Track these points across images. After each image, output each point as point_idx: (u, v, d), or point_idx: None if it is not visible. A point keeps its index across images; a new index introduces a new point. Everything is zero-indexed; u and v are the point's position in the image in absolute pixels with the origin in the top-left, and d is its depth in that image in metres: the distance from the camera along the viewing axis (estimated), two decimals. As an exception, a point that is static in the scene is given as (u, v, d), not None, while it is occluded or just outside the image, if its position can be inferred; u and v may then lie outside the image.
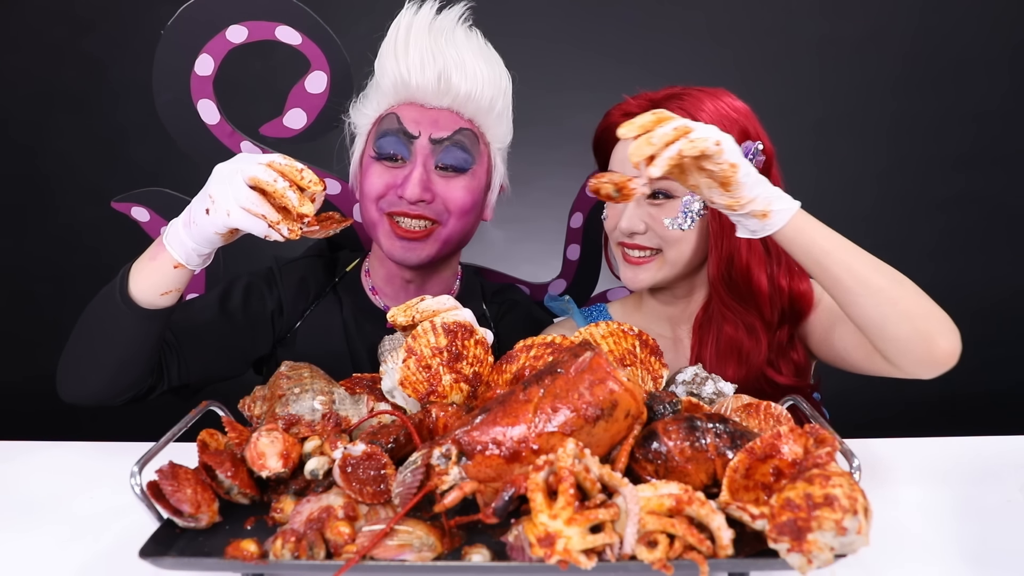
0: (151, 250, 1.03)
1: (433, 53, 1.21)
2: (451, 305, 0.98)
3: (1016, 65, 2.83)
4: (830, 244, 0.99)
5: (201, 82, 1.33)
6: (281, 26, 1.32)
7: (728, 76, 1.63)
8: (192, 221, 0.96)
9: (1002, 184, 2.89)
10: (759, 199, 0.96)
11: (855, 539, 0.64)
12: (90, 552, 0.91)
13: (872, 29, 2.84)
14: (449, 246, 1.29)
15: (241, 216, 0.91)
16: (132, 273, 1.04)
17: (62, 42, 2.79)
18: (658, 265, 1.22)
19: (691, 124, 0.90)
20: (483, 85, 1.24)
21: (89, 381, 1.11)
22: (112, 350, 1.07)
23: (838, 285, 1.00)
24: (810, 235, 0.99)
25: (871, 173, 2.93)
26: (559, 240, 1.57)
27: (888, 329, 1.00)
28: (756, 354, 1.20)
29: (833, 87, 2.89)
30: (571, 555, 0.64)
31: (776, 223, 0.98)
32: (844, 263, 0.99)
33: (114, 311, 1.04)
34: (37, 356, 2.85)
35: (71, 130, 2.82)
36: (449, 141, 1.23)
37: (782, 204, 0.97)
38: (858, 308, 1.01)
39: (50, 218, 2.85)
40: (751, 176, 0.94)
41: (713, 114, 1.16)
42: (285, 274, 1.36)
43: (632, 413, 0.76)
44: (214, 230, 0.94)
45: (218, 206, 0.92)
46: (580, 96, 2.08)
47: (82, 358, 1.11)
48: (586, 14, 2.86)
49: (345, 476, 0.77)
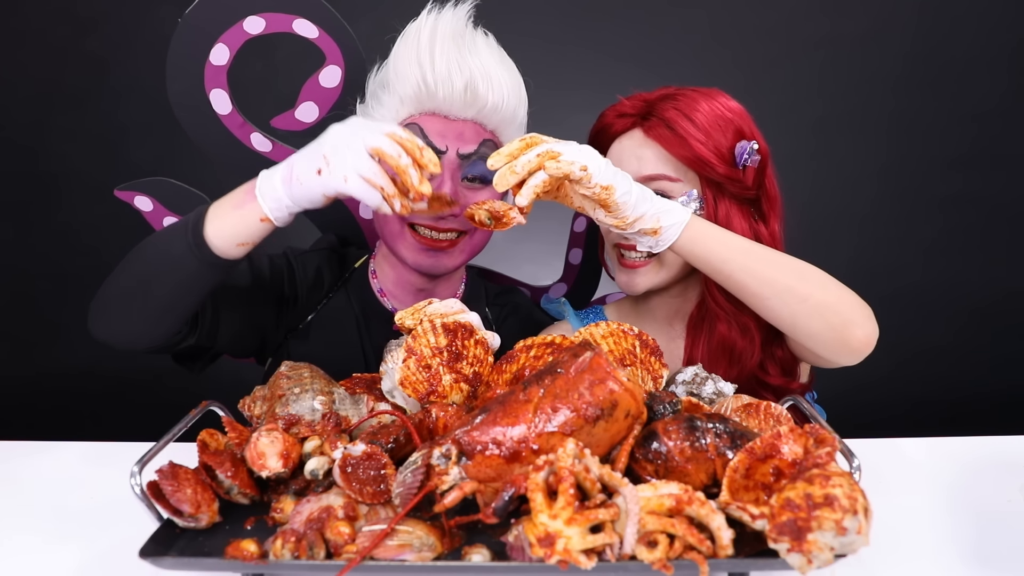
0: (237, 198, 1.00)
1: (459, 64, 1.17)
2: (458, 309, 0.98)
3: (1015, 65, 2.83)
4: (727, 251, 1.01)
5: (215, 72, 1.32)
6: (299, 19, 1.32)
7: (728, 76, 1.63)
8: (296, 179, 0.94)
9: (1001, 184, 2.89)
10: (646, 216, 0.98)
11: (855, 539, 0.64)
12: (90, 552, 0.91)
13: (872, 28, 2.84)
14: (473, 255, 1.30)
15: (358, 184, 0.91)
16: (210, 216, 1.00)
17: (64, 41, 2.79)
18: (655, 269, 1.22)
19: (559, 148, 0.91)
20: (507, 96, 1.22)
21: (133, 319, 1.05)
22: (168, 291, 1.03)
23: (743, 290, 1.02)
24: (705, 244, 1.01)
25: (870, 172, 2.94)
26: (559, 240, 1.57)
27: (800, 326, 1.01)
28: (749, 354, 1.20)
29: (833, 86, 2.89)
30: (571, 555, 0.64)
31: (668, 238, 1.00)
32: (745, 268, 1.00)
33: (181, 251, 1.00)
34: (37, 356, 2.86)
35: (72, 129, 2.82)
36: (476, 155, 1.21)
37: (672, 218, 0.99)
38: (767, 310, 1.03)
39: (51, 217, 2.85)
40: (632, 195, 0.96)
41: (708, 114, 1.16)
42: (301, 265, 1.36)
43: (632, 413, 0.76)
44: (323, 192, 0.93)
45: (334, 169, 0.91)
46: (580, 96, 2.08)
47: (132, 293, 1.05)
48: (586, 14, 2.86)
49: (345, 476, 0.77)
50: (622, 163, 1.19)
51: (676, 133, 1.15)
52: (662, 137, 1.16)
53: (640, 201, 0.97)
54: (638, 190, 0.97)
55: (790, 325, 1.02)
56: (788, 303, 1.00)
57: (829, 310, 0.99)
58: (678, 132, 1.14)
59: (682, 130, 1.14)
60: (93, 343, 1.11)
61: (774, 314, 1.02)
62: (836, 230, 2.88)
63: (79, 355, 2.61)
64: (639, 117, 1.20)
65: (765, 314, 1.04)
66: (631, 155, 1.20)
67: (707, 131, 1.15)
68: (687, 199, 1.16)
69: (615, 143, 1.23)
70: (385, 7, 1.25)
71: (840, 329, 0.99)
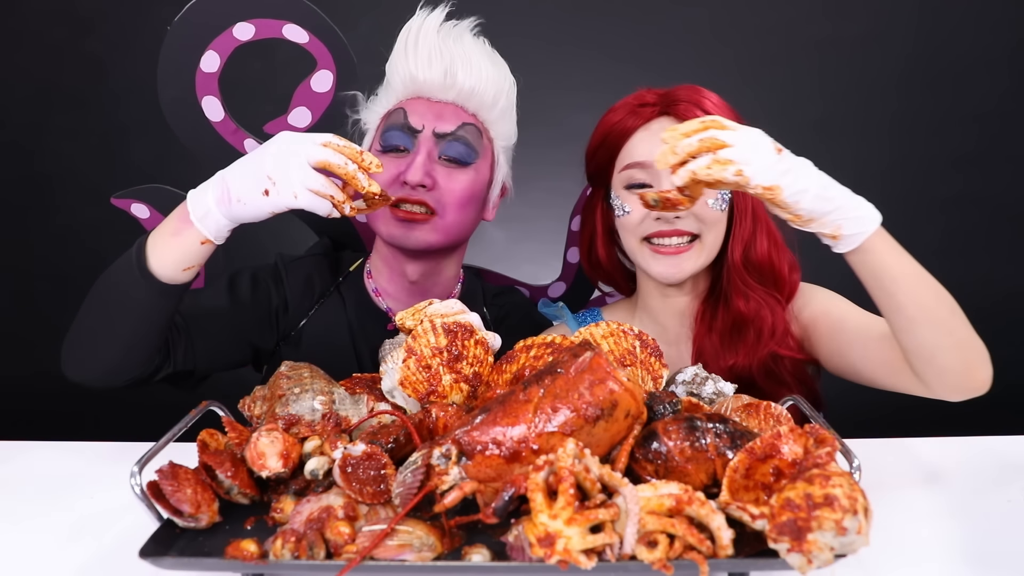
0: (172, 225, 1.02)
1: (440, 50, 1.26)
2: (459, 309, 0.98)
3: (1016, 65, 2.83)
4: (900, 270, 0.95)
5: (206, 79, 1.33)
6: (289, 24, 1.33)
7: (728, 76, 1.63)
8: (236, 200, 0.97)
9: (1003, 184, 2.89)
10: (824, 221, 0.90)
11: (855, 539, 0.64)
12: (90, 552, 0.91)
13: (873, 29, 2.84)
14: (449, 237, 1.30)
15: (309, 198, 0.95)
16: (150, 247, 1.02)
17: (62, 42, 2.79)
18: (698, 251, 1.20)
19: (726, 138, 0.86)
20: (487, 81, 1.28)
21: (100, 355, 1.09)
22: (127, 323, 1.06)
23: (900, 311, 0.96)
24: (882, 258, 0.94)
25: (872, 173, 2.91)
26: (558, 240, 1.57)
27: (938, 358, 0.97)
28: (774, 330, 1.20)
29: (834, 87, 2.89)
30: (571, 555, 0.64)
31: (846, 246, 0.93)
32: (911, 290, 0.95)
33: (131, 285, 1.03)
34: (36, 356, 2.85)
35: (71, 130, 2.82)
36: (452, 136, 1.26)
37: (855, 227, 0.91)
38: (912, 335, 0.97)
39: (50, 218, 2.85)
40: (808, 194, 0.88)
41: (718, 103, 1.19)
42: (291, 272, 1.37)
43: (632, 413, 0.76)
44: (272, 210, 0.97)
45: (282, 188, 0.94)
46: (580, 96, 2.08)
47: (94, 331, 1.09)
48: (586, 14, 2.85)
49: (345, 476, 0.77)
50: (655, 149, 1.18)
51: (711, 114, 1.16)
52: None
53: (817, 202, 0.89)
54: (817, 189, 0.88)
55: (929, 354, 0.98)
56: (937, 334, 0.96)
57: (968, 348, 0.97)
58: (712, 113, 1.15)
59: (716, 112, 1.16)
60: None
61: (917, 340, 0.97)
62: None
63: (79, 355, 2.61)
64: (663, 106, 1.21)
65: (907, 337, 0.98)
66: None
67: (729, 114, 1.17)
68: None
69: (639, 132, 1.22)
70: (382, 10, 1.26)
71: (971, 368, 0.98)
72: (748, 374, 1.21)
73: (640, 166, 1.20)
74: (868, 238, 0.92)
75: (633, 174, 1.21)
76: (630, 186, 1.22)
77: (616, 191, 1.24)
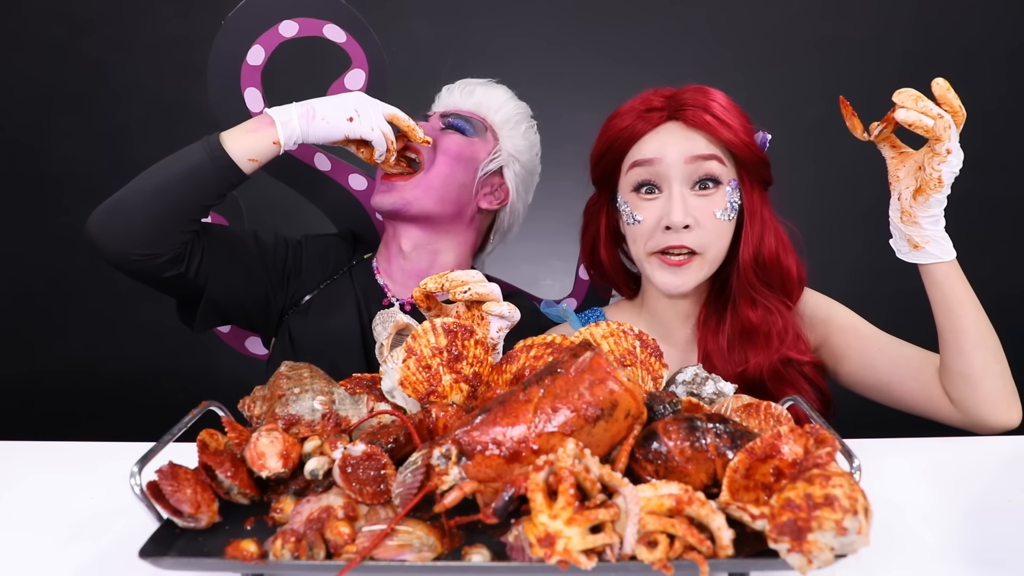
0: (250, 126, 1.23)
1: (474, 86, 1.49)
2: (479, 278, 1.00)
3: (1017, 65, 2.83)
4: (968, 297, 1.08)
5: (251, 71, 1.44)
6: (329, 24, 1.44)
7: (728, 76, 1.63)
8: (321, 118, 1.23)
9: (1005, 185, 2.89)
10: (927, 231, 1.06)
11: (855, 539, 0.63)
12: (90, 552, 0.91)
13: (873, 29, 2.83)
14: (430, 194, 1.38)
15: (378, 136, 1.27)
16: (224, 138, 1.21)
17: (62, 43, 2.79)
18: (698, 265, 1.21)
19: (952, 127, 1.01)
20: (499, 99, 1.48)
21: (136, 219, 1.19)
22: (179, 193, 1.19)
23: (960, 334, 1.07)
24: (952, 284, 1.08)
25: (872, 173, 2.92)
26: (558, 240, 1.57)
27: (985, 383, 1.08)
28: (785, 335, 1.23)
29: (834, 87, 2.89)
30: (571, 555, 0.64)
31: (921, 258, 1.08)
32: (973, 316, 1.07)
33: (199, 158, 1.20)
34: (36, 356, 2.86)
35: (71, 131, 2.82)
36: (457, 115, 1.44)
37: (936, 249, 1.07)
38: (967, 356, 1.08)
39: (50, 219, 2.85)
40: (941, 206, 1.05)
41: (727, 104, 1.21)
42: (310, 243, 1.48)
43: (632, 413, 0.76)
44: (347, 134, 1.25)
45: (363, 120, 1.25)
46: (580, 96, 2.08)
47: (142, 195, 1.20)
48: (586, 14, 2.85)
49: (345, 476, 0.77)
50: (667, 152, 1.18)
51: (719, 119, 1.17)
52: (708, 124, 1.17)
53: (936, 217, 1.06)
54: (943, 199, 1.05)
55: (976, 378, 1.08)
56: (987, 360, 1.07)
57: (1009, 379, 1.09)
58: (720, 118, 1.17)
59: (724, 115, 1.17)
60: (93, 343, 1.11)
61: (969, 362, 1.08)
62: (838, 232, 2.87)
63: (78, 355, 2.61)
64: (670, 110, 1.20)
65: (960, 359, 1.09)
66: (680, 137, 1.19)
67: (737, 117, 1.19)
68: (731, 188, 1.19)
69: (648, 136, 1.21)
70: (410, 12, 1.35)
71: (1009, 398, 1.09)
72: (759, 378, 1.21)
73: (647, 163, 1.20)
74: (948, 263, 1.07)
75: (640, 172, 1.21)
76: (637, 187, 1.21)
77: (624, 195, 1.24)
